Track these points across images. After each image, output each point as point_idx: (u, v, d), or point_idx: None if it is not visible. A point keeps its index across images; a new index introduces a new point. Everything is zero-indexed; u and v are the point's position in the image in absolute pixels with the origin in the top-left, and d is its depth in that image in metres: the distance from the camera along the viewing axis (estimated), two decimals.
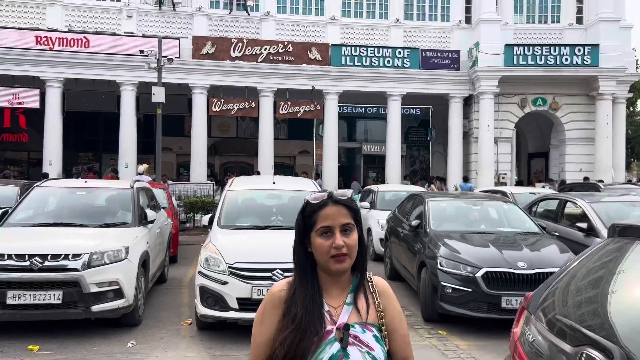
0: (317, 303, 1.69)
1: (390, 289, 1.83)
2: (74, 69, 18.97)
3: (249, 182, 8.76)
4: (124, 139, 19.66)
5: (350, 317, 1.70)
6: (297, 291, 1.72)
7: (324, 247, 1.67)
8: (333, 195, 1.73)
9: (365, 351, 1.65)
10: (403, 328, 1.78)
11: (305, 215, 1.74)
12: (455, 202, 8.96)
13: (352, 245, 1.69)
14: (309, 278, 1.73)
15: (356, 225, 1.73)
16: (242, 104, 20.32)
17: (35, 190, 7.42)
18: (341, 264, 1.68)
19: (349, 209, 1.72)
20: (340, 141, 22.22)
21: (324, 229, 1.68)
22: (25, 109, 20.05)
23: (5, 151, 23.25)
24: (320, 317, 1.67)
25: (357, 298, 1.74)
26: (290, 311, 1.69)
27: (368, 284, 1.78)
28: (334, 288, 1.74)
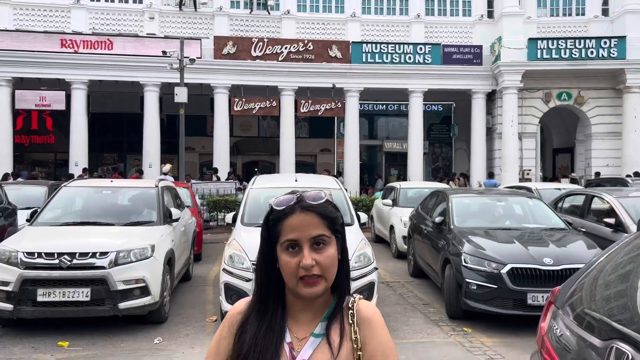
0: (273, 336, 1.35)
1: (380, 318, 1.40)
2: (98, 71, 19.30)
3: (272, 180, 8.81)
4: (147, 139, 19.94)
5: (315, 354, 1.33)
6: (251, 319, 1.38)
7: (291, 266, 1.31)
8: (302, 199, 1.36)
9: None
10: None
11: (269, 224, 1.38)
12: (479, 199, 8.87)
13: (326, 264, 1.32)
14: (271, 302, 1.38)
15: (335, 237, 1.36)
16: (263, 103, 20.42)
17: (63, 190, 7.58)
18: (311, 288, 1.32)
19: (322, 217, 1.34)
20: (362, 139, 22.18)
21: (289, 242, 1.32)
22: (51, 111, 20.49)
23: (33, 153, 23.77)
24: (274, 354, 1.33)
25: (329, 328, 1.36)
26: (239, 341, 1.37)
27: (348, 312, 1.38)
28: (304, 314, 1.38)
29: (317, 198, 1.37)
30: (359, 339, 1.35)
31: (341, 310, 1.38)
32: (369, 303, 1.44)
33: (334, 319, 1.37)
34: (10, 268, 5.77)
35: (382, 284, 8.48)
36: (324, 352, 1.33)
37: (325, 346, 1.34)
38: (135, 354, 5.40)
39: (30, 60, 18.76)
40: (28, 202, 9.64)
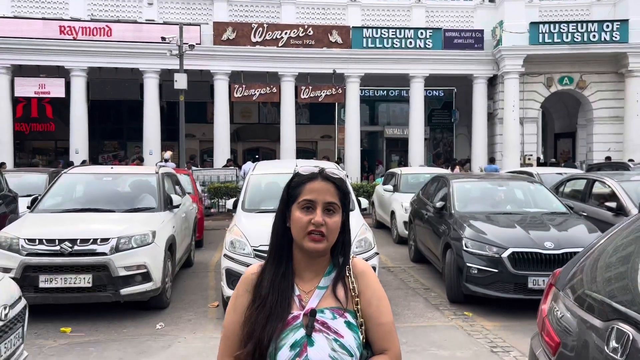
0: (286, 286, 1.58)
1: (371, 271, 1.68)
2: (98, 58, 19.20)
3: (272, 166, 8.79)
4: (147, 126, 19.89)
5: (320, 302, 1.57)
6: (267, 270, 1.61)
7: (302, 221, 1.55)
8: (324, 171, 1.62)
9: (332, 338, 1.52)
10: (381, 315, 1.60)
11: (291, 187, 1.63)
12: (480, 183, 8.85)
13: (331, 227, 1.56)
14: (283, 257, 1.61)
15: (342, 209, 1.60)
16: (263, 90, 20.34)
17: (63, 177, 7.57)
18: (316, 244, 1.55)
19: (337, 189, 1.60)
20: (362, 125, 22.11)
21: (306, 202, 1.57)
22: (51, 99, 20.42)
23: (34, 140, 23.75)
24: (288, 301, 1.56)
25: (331, 282, 1.61)
26: (257, 289, 1.59)
27: (343, 267, 1.63)
28: (308, 271, 1.62)
29: (337, 173, 1.63)
30: (356, 288, 1.60)
31: (342, 268, 1.63)
32: (362, 259, 1.71)
33: (335, 274, 1.62)
34: (12, 255, 5.78)
35: (383, 269, 8.50)
36: (328, 300, 1.58)
37: (329, 296, 1.58)
38: (137, 340, 5.42)
39: (29, 47, 18.66)
40: (29, 189, 9.65)
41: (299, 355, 1.50)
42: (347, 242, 1.64)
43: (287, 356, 1.50)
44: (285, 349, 1.51)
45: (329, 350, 1.51)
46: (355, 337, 1.54)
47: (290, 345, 1.51)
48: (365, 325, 1.58)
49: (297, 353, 1.50)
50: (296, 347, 1.51)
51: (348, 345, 1.52)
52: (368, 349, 1.59)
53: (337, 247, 1.62)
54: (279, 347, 1.51)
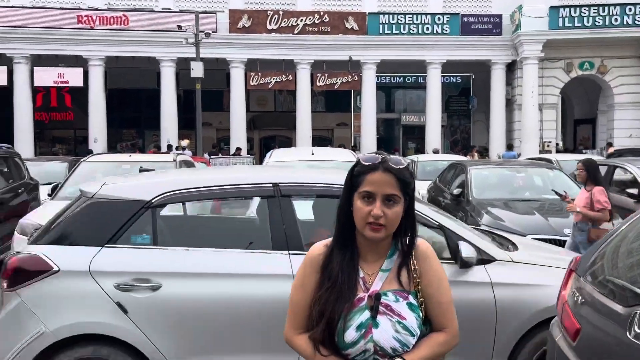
0: (353, 268, 1.65)
1: (433, 252, 1.73)
2: (115, 47, 19.32)
3: (288, 154, 8.79)
4: (165, 115, 20.02)
5: (384, 285, 1.65)
6: (335, 252, 1.67)
7: (363, 212, 1.60)
8: (386, 161, 1.63)
9: (395, 320, 1.60)
10: (441, 294, 1.68)
11: (354, 175, 1.66)
12: (498, 170, 8.76)
13: (391, 218, 1.60)
14: (348, 241, 1.67)
15: (404, 198, 1.63)
16: (279, 77, 20.31)
17: (82, 165, 7.66)
18: (375, 233, 1.60)
19: (398, 180, 1.62)
20: (379, 112, 22.00)
21: (365, 193, 1.61)
22: (70, 88, 20.62)
23: (53, 130, 24.05)
24: (354, 283, 1.63)
25: (394, 264, 1.68)
26: (326, 270, 1.66)
27: (408, 253, 1.69)
28: (371, 254, 1.68)
29: (399, 163, 1.64)
30: (418, 269, 1.67)
31: (405, 252, 1.68)
32: (424, 241, 1.74)
33: (397, 257, 1.69)
34: None
35: None
36: (392, 282, 1.65)
37: (393, 279, 1.66)
38: None
39: (48, 36, 18.83)
40: (49, 177, 9.77)
41: (364, 336, 1.59)
42: (411, 227, 1.69)
43: (353, 336, 1.59)
44: (352, 329, 1.60)
45: (392, 332, 1.59)
46: (416, 317, 1.62)
47: (356, 326, 1.59)
48: (425, 303, 1.66)
49: (363, 334, 1.59)
50: (362, 328, 1.59)
51: (410, 326, 1.61)
52: (427, 324, 1.67)
53: (399, 230, 1.67)
54: (346, 326, 1.60)
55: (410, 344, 1.61)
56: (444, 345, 1.68)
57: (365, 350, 1.60)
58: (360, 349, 1.60)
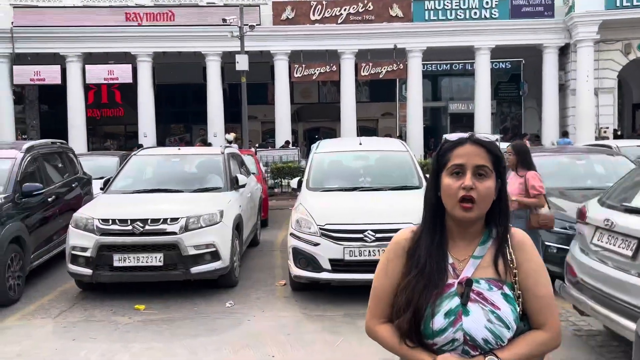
0: (441, 252, 1.55)
1: (530, 241, 1.61)
2: (162, 43, 19.62)
3: (335, 144, 8.65)
4: (211, 109, 20.23)
5: (476, 272, 1.53)
6: (423, 237, 1.58)
7: (452, 188, 1.51)
8: (473, 135, 1.58)
9: (489, 309, 1.48)
10: (540, 288, 1.55)
11: (440, 154, 1.59)
12: (556, 158, 8.35)
13: (483, 192, 1.50)
14: (437, 226, 1.58)
15: (495, 175, 1.53)
16: (323, 68, 20.16)
17: (133, 159, 7.75)
18: (466, 212, 1.51)
19: (489, 152, 1.53)
20: (425, 101, 21.52)
21: (455, 167, 1.53)
22: (120, 85, 21.12)
23: (105, 125, 24.74)
24: (443, 268, 1.54)
25: (487, 252, 1.56)
26: (413, 257, 1.57)
27: (503, 239, 1.58)
28: (461, 240, 1.58)
29: (487, 136, 1.59)
30: (514, 259, 1.55)
31: (501, 238, 1.57)
32: (520, 230, 1.62)
33: (490, 244, 1.57)
34: (88, 234, 5.97)
35: None
36: (485, 271, 1.54)
37: (486, 266, 1.54)
38: (208, 317, 5.49)
39: (98, 35, 19.31)
40: (102, 172, 9.99)
41: (453, 324, 1.49)
42: (504, 211, 1.58)
43: (441, 323, 1.49)
44: (440, 316, 1.50)
45: (484, 321, 1.48)
46: (512, 309, 1.50)
47: (444, 313, 1.50)
48: (523, 297, 1.54)
49: (452, 322, 1.49)
50: (451, 315, 1.49)
51: (505, 318, 1.49)
52: (525, 321, 1.55)
53: (492, 216, 1.57)
54: (434, 312, 1.50)
55: (504, 338, 1.49)
56: (543, 345, 1.54)
57: (454, 340, 1.49)
58: (448, 337, 1.49)
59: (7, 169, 6.69)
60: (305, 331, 5.08)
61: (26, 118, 23.24)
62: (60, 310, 5.82)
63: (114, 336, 5.02)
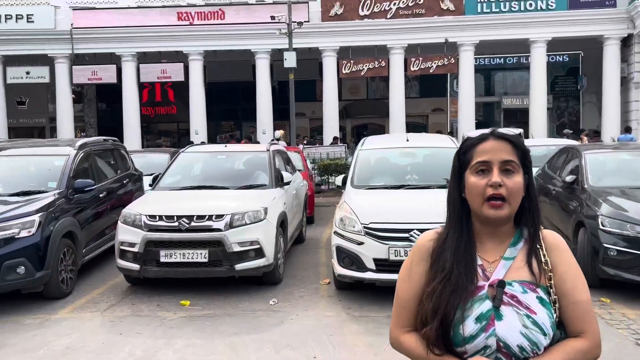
0: (469, 255, 1.45)
1: (565, 244, 1.50)
2: (212, 41, 19.93)
3: (382, 141, 8.48)
4: (260, 106, 20.39)
5: (508, 274, 1.42)
6: (448, 240, 1.48)
7: (478, 186, 1.41)
8: (496, 130, 1.48)
9: (524, 314, 1.37)
10: (578, 292, 1.43)
11: (462, 152, 1.49)
12: (617, 155, 7.89)
13: (512, 189, 1.40)
14: (464, 228, 1.47)
15: (523, 169, 1.44)
16: (371, 64, 19.94)
17: (181, 156, 7.86)
18: (496, 210, 1.40)
19: (514, 146, 1.44)
20: (477, 96, 20.93)
21: (479, 164, 1.42)
22: (172, 83, 21.62)
23: (158, 123, 25.40)
24: (472, 271, 1.43)
25: (518, 253, 1.45)
26: (438, 261, 1.47)
27: (535, 239, 1.46)
28: (489, 241, 1.47)
29: (510, 130, 1.53)
30: (549, 261, 1.44)
31: (533, 239, 1.46)
32: (553, 232, 1.52)
33: (521, 245, 1.46)
34: (136, 230, 6.07)
35: None
36: (518, 273, 1.43)
37: (520, 268, 1.43)
38: (252, 315, 5.47)
39: (151, 35, 19.82)
40: (153, 168, 10.20)
41: (485, 329, 1.38)
42: (534, 209, 1.48)
43: (472, 329, 1.38)
44: (470, 320, 1.39)
45: (519, 326, 1.37)
46: (548, 314, 1.39)
47: (475, 317, 1.39)
48: (560, 302, 1.42)
49: (483, 327, 1.38)
50: (482, 320, 1.38)
51: (541, 323, 1.38)
52: (561, 329, 1.44)
53: (522, 216, 1.47)
54: (464, 317, 1.39)
55: (541, 345, 1.37)
56: (582, 355, 1.41)
57: (486, 347, 1.37)
58: (479, 344, 1.38)
59: (61, 165, 6.91)
60: (349, 332, 4.97)
61: (85, 116, 24.16)
62: (109, 304, 5.95)
63: (158, 332, 5.07)
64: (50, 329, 5.19)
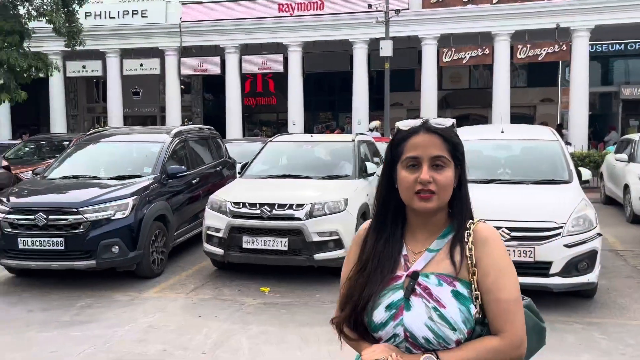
0: (391, 246, 1.47)
1: (498, 238, 1.45)
2: (311, 32, 20.07)
3: (474, 132, 8.03)
4: (356, 96, 20.27)
5: (428, 266, 1.43)
6: (370, 235, 1.51)
7: (408, 181, 1.42)
8: (427, 122, 1.46)
9: (432, 306, 1.37)
10: (500, 290, 1.38)
11: (394, 144, 1.48)
12: None
13: (442, 183, 1.40)
14: (389, 218, 1.49)
15: (454, 162, 1.43)
16: (474, 52, 19.05)
17: (268, 145, 7.98)
18: (426, 203, 1.41)
19: (444, 140, 1.43)
20: (592, 85, 19.25)
21: (410, 160, 1.43)
22: (273, 74, 22.12)
23: (259, 113, 26.17)
24: (392, 261, 1.45)
25: (444, 246, 1.44)
26: (363, 250, 1.52)
27: (464, 232, 1.43)
28: (421, 232, 1.48)
29: (443, 122, 1.45)
30: (473, 255, 1.40)
31: (459, 231, 1.44)
32: (489, 226, 1.48)
33: (450, 237, 1.45)
34: (221, 216, 6.26)
35: (610, 253, 7.20)
36: (437, 264, 1.42)
37: (440, 261, 1.42)
38: (327, 306, 5.41)
39: (253, 27, 20.36)
40: (247, 156, 10.43)
41: (393, 317, 1.41)
42: (463, 200, 1.47)
43: (382, 316, 1.42)
44: (381, 308, 1.42)
45: (425, 318, 1.38)
46: (461, 309, 1.37)
47: (386, 305, 1.42)
48: (482, 298, 1.39)
49: (392, 315, 1.41)
50: (392, 308, 1.41)
51: (450, 317, 1.36)
52: (485, 326, 1.40)
53: (455, 207, 1.47)
54: (375, 305, 1.43)
55: (449, 340, 1.36)
56: (495, 353, 1.36)
57: (395, 335, 1.41)
58: (389, 332, 1.41)
59: (156, 151, 7.28)
60: None
61: (192, 106, 25.47)
62: (194, 286, 6.18)
63: (235, 317, 5.17)
64: (138, 307, 5.49)
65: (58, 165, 7.38)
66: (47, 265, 6.06)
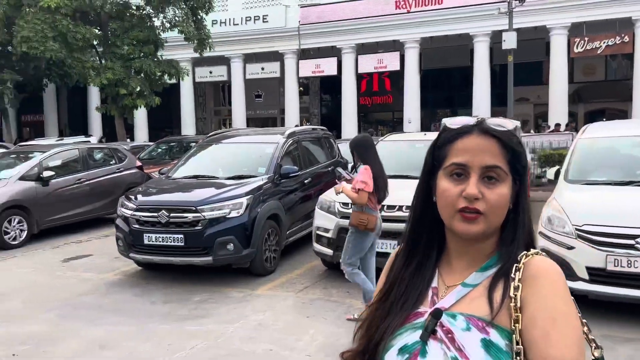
0: (420, 278, 1.16)
1: (554, 275, 1.04)
2: (429, 28, 19.59)
3: (609, 128, 7.24)
4: (477, 92, 19.43)
5: (458, 304, 1.09)
6: (399, 257, 1.21)
7: (450, 194, 1.08)
8: (483, 122, 1.11)
9: (451, 356, 1.03)
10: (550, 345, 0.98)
11: (437, 146, 1.15)
12: None
13: (494, 202, 1.06)
14: (423, 240, 1.17)
15: (512, 177, 1.09)
16: (611, 40, 17.37)
17: (379, 145, 7.79)
18: (469, 225, 1.07)
19: (503, 147, 1.08)
20: None
21: (455, 167, 1.09)
22: (389, 73, 21.90)
23: (375, 113, 26.07)
24: (417, 293, 1.15)
25: (483, 280, 1.09)
26: (386, 278, 1.22)
27: (512, 265, 1.07)
28: (459, 260, 1.15)
29: (503, 124, 1.12)
30: (519, 296, 1.03)
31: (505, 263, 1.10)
32: (547, 259, 1.08)
33: (492, 271, 1.11)
34: (330, 217, 6.22)
35: None
36: (470, 303, 1.08)
37: (475, 299, 1.08)
38: None
39: (369, 25, 20.32)
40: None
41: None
42: (519, 226, 1.12)
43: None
44: (393, 351, 1.12)
45: None
46: None
47: (399, 347, 1.11)
48: (526, 355, 1.00)
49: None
50: (405, 352, 1.11)
51: None
52: None
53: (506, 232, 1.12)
54: (387, 346, 1.13)
55: None
56: None
57: None
58: None
59: (270, 152, 7.44)
60: None
61: (310, 107, 26.04)
62: (304, 285, 6.21)
63: (342, 319, 5.09)
64: (249, 304, 5.62)
65: (181, 165, 7.84)
66: (169, 261, 6.43)
